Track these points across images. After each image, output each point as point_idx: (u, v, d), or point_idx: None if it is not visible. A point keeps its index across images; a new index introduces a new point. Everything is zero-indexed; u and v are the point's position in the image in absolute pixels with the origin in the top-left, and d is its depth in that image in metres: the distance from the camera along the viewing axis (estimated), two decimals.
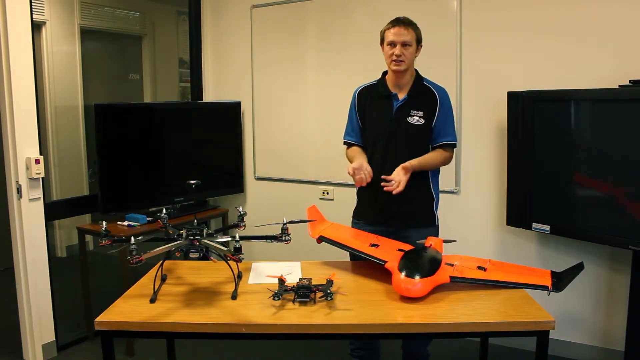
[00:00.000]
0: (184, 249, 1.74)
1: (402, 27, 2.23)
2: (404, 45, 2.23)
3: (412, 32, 2.24)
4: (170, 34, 4.86)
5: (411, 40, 2.24)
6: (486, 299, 1.76)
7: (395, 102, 2.32)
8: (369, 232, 2.27)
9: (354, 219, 2.48)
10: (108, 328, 1.64)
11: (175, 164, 3.50)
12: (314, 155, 3.58)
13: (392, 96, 2.33)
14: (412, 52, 2.26)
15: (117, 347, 1.75)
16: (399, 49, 2.23)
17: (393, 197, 2.28)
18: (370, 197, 2.37)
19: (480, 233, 3.10)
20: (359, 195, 2.46)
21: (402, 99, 2.32)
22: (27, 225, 2.84)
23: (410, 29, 2.24)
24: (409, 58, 2.26)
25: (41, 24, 4.03)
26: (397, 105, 2.31)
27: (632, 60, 2.59)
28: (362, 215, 2.44)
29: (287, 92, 3.63)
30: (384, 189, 2.13)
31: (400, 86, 2.33)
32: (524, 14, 2.86)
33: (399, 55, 2.23)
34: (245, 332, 1.62)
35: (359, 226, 2.40)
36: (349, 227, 2.41)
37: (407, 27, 2.23)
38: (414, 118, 2.30)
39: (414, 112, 2.30)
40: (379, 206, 2.35)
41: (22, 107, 2.78)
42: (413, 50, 2.26)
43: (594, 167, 2.54)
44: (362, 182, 2.17)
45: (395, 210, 2.33)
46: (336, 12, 3.39)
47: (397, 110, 2.31)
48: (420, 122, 2.30)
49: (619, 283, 2.75)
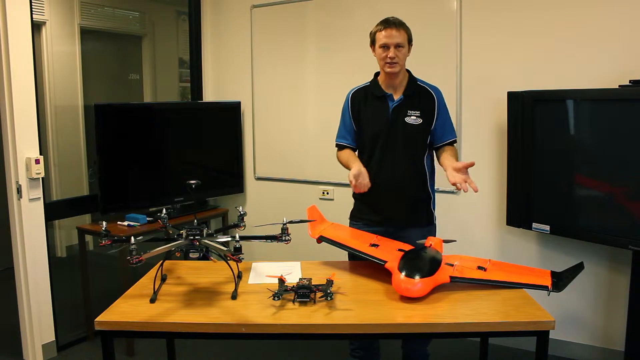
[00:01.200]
0: (184, 249, 1.74)
1: (393, 28, 2.21)
2: (397, 47, 2.22)
3: (403, 33, 2.23)
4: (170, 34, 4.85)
5: (403, 42, 2.23)
6: (486, 299, 1.76)
7: (390, 103, 2.31)
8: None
9: (351, 220, 2.47)
10: (108, 328, 1.64)
11: (175, 164, 3.50)
12: (314, 155, 3.58)
13: (387, 97, 2.32)
14: (405, 53, 2.26)
15: (117, 347, 1.76)
16: (393, 51, 2.21)
17: (391, 198, 2.29)
18: (368, 199, 2.36)
19: (480, 233, 3.10)
20: (356, 196, 2.45)
21: (398, 99, 2.31)
22: (27, 225, 2.85)
23: (402, 30, 2.23)
24: (402, 59, 2.26)
25: (41, 24, 4.02)
26: (393, 106, 2.31)
27: (632, 60, 2.59)
28: (360, 216, 2.43)
29: (287, 92, 3.63)
30: (462, 190, 2.00)
31: (394, 86, 2.33)
32: (523, 14, 2.86)
33: (392, 58, 2.22)
34: (245, 332, 1.62)
35: (357, 228, 2.39)
36: (349, 227, 2.41)
37: (398, 29, 2.22)
38: (412, 118, 2.29)
39: (411, 112, 2.29)
40: (377, 207, 2.35)
41: (22, 107, 2.79)
42: (406, 51, 2.26)
43: (594, 167, 2.54)
44: (364, 189, 2.14)
45: (393, 210, 2.33)
46: (336, 12, 3.39)
47: (393, 111, 2.30)
48: (418, 122, 2.29)
49: (619, 283, 2.75)
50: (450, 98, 2.69)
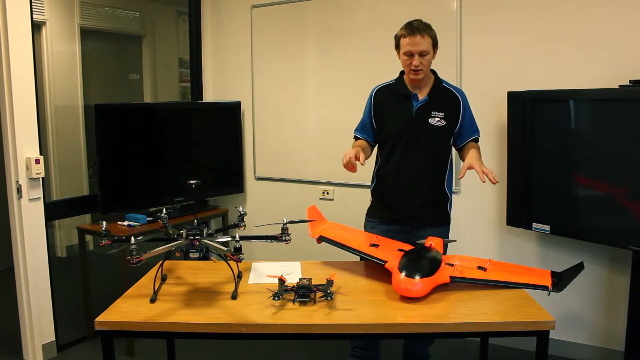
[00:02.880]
0: (184, 249, 1.74)
1: (417, 35, 2.15)
2: (422, 55, 2.18)
3: (428, 39, 2.17)
4: (170, 34, 4.86)
5: (428, 48, 2.17)
6: (486, 299, 1.76)
7: (415, 103, 2.28)
8: (383, 231, 2.27)
9: (368, 217, 2.45)
10: (108, 328, 1.64)
11: (175, 164, 3.50)
12: (314, 155, 3.58)
13: (411, 96, 2.29)
14: (429, 60, 2.21)
15: (117, 347, 1.75)
16: (417, 59, 2.17)
17: (409, 197, 2.28)
18: (386, 197, 2.36)
19: (480, 233, 3.10)
20: (374, 194, 2.45)
21: (423, 100, 2.28)
22: (27, 225, 2.85)
23: (427, 36, 2.17)
24: (427, 66, 2.22)
25: (41, 24, 4.02)
26: (418, 106, 2.28)
27: (632, 60, 2.59)
28: (376, 214, 2.42)
29: (287, 92, 3.63)
30: (482, 181, 2.04)
31: (419, 87, 2.30)
32: (524, 14, 2.86)
33: (417, 66, 2.18)
34: (245, 332, 1.62)
35: (373, 224, 2.38)
36: (349, 227, 2.40)
37: (423, 35, 2.16)
38: (435, 119, 2.26)
39: (435, 113, 2.26)
40: (394, 205, 2.34)
41: (22, 107, 2.79)
42: (430, 57, 2.21)
43: (594, 167, 2.54)
44: (352, 169, 2.09)
45: (410, 209, 2.31)
46: (336, 12, 3.39)
47: (417, 111, 2.27)
48: (442, 124, 2.26)
49: (619, 283, 2.75)
50: None
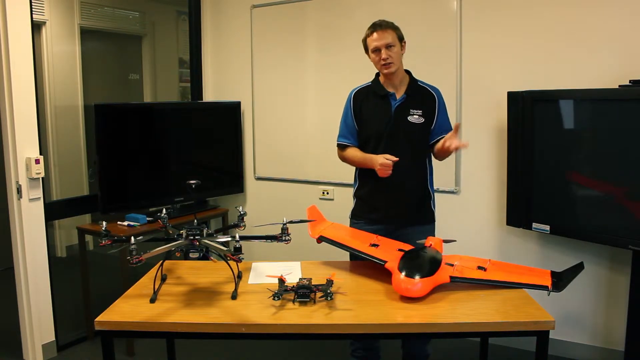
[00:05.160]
0: (184, 249, 1.74)
1: (379, 31, 2.26)
2: (388, 47, 2.25)
3: (392, 32, 2.27)
4: (170, 34, 4.86)
5: (393, 41, 2.26)
6: (486, 299, 1.76)
7: (393, 102, 2.33)
8: (368, 231, 2.28)
9: (352, 219, 2.47)
10: (108, 328, 1.64)
11: (175, 164, 3.50)
12: (314, 155, 3.58)
13: (389, 95, 2.34)
14: (397, 52, 2.28)
15: (117, 347, 1.75)
16: (385, 52, 2.25)
17: (392, 196, 2.30)
18: (370, 197, 2.38)
19: (480, 233, 3.10)
20: (357, 195, 2.46)
21: (401, 98, 2.33)
22: (27, 225, 2.84)
23: (389, 30, 2.27)
24: (396, 58, 2.28)
25: (41, 24, 4.02)
26: (396, 105, 2.32)
27: (632, 60, 2.59)
28: (361, 215, 2.44)
29: (287, 92, 3.63)
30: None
31: (395, 86, 2.35)
32: (524, 14, 2.86)
33: (386, 59, 2.25)
34: (245, 332, 1.62)
35: (359, 226, 2.40)
36: (349, 227, 2.41)
37: (385, 30, 2.26)
38: (414, 117, 2.31)
39: (414, 110, 2.32)
40: (378, 205, 2.36)
41: (22, 107, 2.78)
42: (398, 49, 2.28)
43: (594, 167, 2.54)
44: (389, 169, 2.18)
45: (394, 209, 2.34)
46: (336, 12, 3.39)
47: (396, 109, 2.32)
48: (420, 121, 2.32)
49: (619, 283, 2.75)
50: (450, 98, 2.70)
